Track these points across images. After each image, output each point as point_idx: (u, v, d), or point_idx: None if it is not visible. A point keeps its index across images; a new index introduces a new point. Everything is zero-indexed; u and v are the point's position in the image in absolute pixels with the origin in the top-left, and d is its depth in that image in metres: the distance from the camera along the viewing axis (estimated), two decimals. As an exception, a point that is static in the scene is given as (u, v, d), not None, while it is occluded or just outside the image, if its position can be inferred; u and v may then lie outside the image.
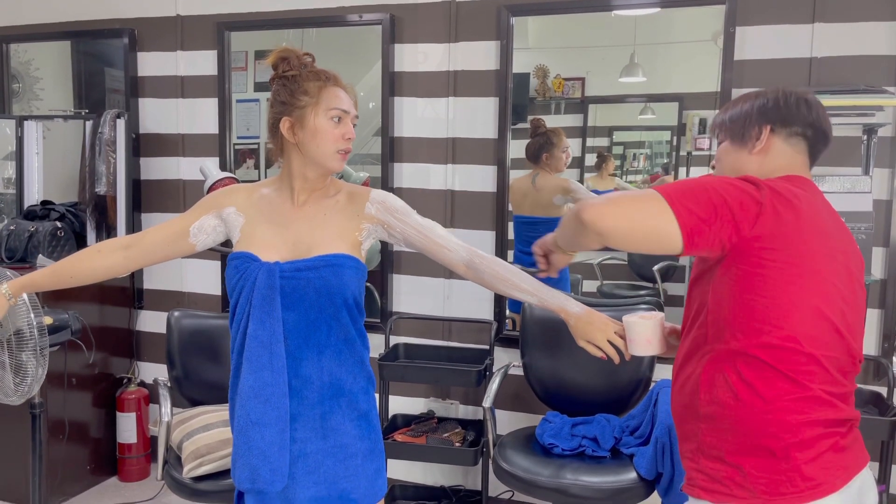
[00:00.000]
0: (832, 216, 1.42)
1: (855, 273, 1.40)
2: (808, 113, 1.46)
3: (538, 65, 3.06)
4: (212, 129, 3.41)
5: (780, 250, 1.30)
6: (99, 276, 1.76)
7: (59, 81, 3.84)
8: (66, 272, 1.78)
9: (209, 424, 2.49)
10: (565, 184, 3.04)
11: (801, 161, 1.47)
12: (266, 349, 1.59)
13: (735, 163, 1.48)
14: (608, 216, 1.30)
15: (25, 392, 2.58)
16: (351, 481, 1.66)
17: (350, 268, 1.63)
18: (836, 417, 1.34)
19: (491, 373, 2.88)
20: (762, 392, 1.32)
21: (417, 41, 3.03)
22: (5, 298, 1.82)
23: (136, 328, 3.66)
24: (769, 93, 1.49)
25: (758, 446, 1.32)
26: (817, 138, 1.48)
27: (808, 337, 1.31)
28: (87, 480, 3.43)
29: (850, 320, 1.36)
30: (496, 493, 3.05)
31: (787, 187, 1.35)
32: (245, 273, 1.62)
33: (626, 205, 1.31)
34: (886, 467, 2.49)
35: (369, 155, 3.17)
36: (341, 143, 1.63)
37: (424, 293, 3.13)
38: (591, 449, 2.50)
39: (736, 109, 1.51)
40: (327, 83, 1.64)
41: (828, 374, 1.33)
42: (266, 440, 1.58)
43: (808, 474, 1.30)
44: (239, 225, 1.69)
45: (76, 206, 3.61)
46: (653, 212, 1.29)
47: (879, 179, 2.55)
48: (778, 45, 2.62)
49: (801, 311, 1.30)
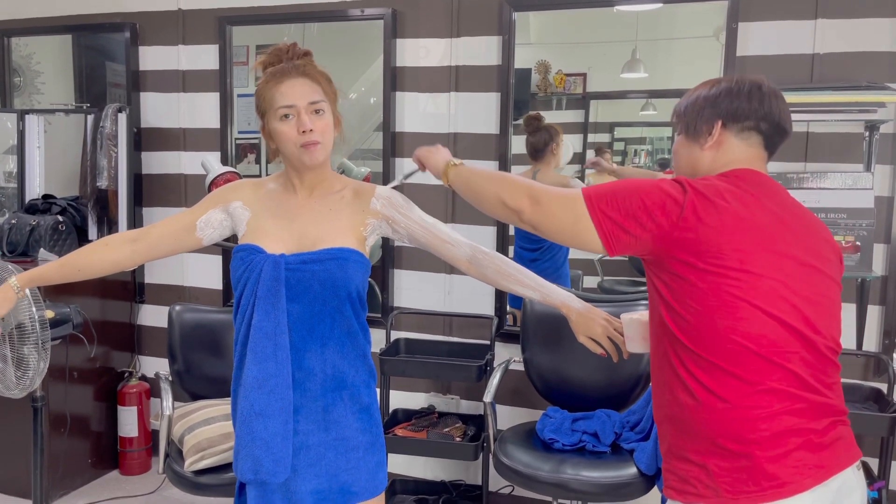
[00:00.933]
0: (787, 208, 1.39)
1: (816, 265, 1.36)
2: (761, 106, 1.42)
3: (540, 60, 3.05)
4: (213, 123, 3.41)
5: (705, 253, 1.28)
6: (106, 269, 1.76)
7: (61, 75, 3.83)
8: (74, 265, 1.77)
9: (210, 418, 2.49)
10: (564, 181, 3.04)
11: (756, 154, 1.44)
12: (270, 340, 1.59)
13: (689, 157, 1.48)
14: (537, 213, 1.40)
15: (27, 386, 2.59)
16: (352, 474, 1.66)
17: (355, 262, 1.63)
18: (805, 408, 1.30)
19: (491, 368, 2.88)
20: (718, 392, 1.30)
21: (419, 36, 3.03)
22: (13, 291, 1.82)
23: (137, 322, 3.67)
24: (722, 83, 1.46)
25: (720, 445, 1.31)
26: (772, 131, 1.44)
27: (749, 335, 1.29)
28: (88, 474, 3.45)
29: (809, 314, 1.32)
30: (496, 487, 3.06)
31: (717, 186, 1.33)
32: (250, 264, 1.62)
33: (553, 205, 1.39)
34: (886, 463, 2.49)
35: (370, 150, 3.17)
36: (299, 139, 1.61)
37: (425, 288, 3.13)
38: (592, 444, 2.50)
39: (690, 99, 1.48)
40: (278, 82, 1.63)
41: (785, 370, 1.30)
42: (269, 431, 1.59)
43: (771, 472, 1.28)
44: (245, 219, 1.69)
45: (77, 200, 3.61)
46: (574, 215, 1.36)
47: (881, 176, 2.55)
48: (780, 42, 2.62)
49: (736, 313, 1.28)
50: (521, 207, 1.41)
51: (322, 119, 1.62)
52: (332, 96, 1.68)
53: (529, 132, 3.03)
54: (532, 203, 1.39)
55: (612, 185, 1.37)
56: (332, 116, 1.66)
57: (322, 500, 1.66)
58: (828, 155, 2.60)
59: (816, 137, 2.61)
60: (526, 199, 1.41)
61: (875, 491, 2.40)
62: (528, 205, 1.41)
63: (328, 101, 1.65)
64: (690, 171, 1.47)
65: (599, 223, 1.34)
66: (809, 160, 2.62)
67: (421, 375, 3.06)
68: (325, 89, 1.65)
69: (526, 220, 1.43)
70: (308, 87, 1.62)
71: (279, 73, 1.63)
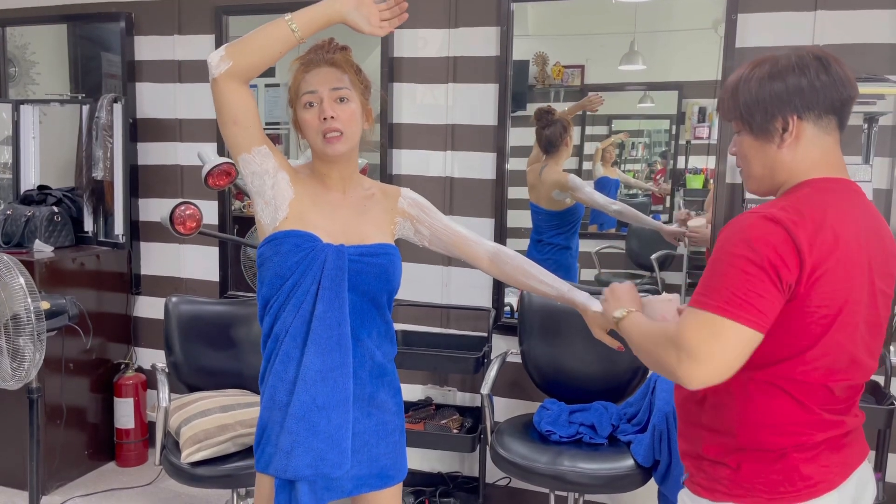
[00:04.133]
0: (864, 217, 1.30)
1: (878, 284, 1.29)
2: (834, 86, 1.28)
3: (537, 52, 3.04)
4: (209, 114, 3.39)
5: (817, 298, 1.22)
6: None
7: (56, 66, 3.81)
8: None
9: (207, 410, 2.48)
10: (563, 179, 3.03)
11: (834, 140, 1.31)
12: (335, 331, 1.58)
13: (763, 160, 1.33)
14: (702, 377, 1.21)
15: (23, 377, 2.58)
16: (390, 458, 1.71)
17: (398, 258, 1.69)
18: (839, 433, 1.31)
19: (489, 360, 2.88)
20: (767, 412, 1.29)
21: (417, 26, 3.01)
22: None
23: (133, 314, 3.66)
24: (780, 65, 1.30)
25: (756, 448, 1.30)
26: (845, 107, 1.31)
27: (826, 370, 1.27)
28: (84, 465, 3.44)
29: (869, 338, 1.31)
30: (493, 479, 3.06)
31: (817, 225, 1.20)
32: (311, 252, 1.58)
33: (708, 351, 1.19)
34: (883, 456, 2.50)
35: (367, 142, 3.15)
36: (321, 126, 1.58)
37: (423, 280, 3.13)
38: (589, 436, 2.50)
39: (749, 94, 1.32)
40: (305, 70, 1.62)
41: (835, 397, 1.30)
42: (333, 423, 1.57)
43: (806, 473, 1.28)
44: (288, 197, 1.62)
45: (73, 191, 3.60)
46: (727, 338, 1.18)
47: (880, 168, 2.55)
48: (779, 33, 2.61)
49: (824, 350, 1.25)
50: (689, 375, 1.21)
51: (346, 108, 1.60)
52: (362, 87, 1.66)
53: (542, 126, 3.01)
54: (696, 363, 1.20)
55: (730, 288, 1.19)
56: (358, 106, 1.63)
57: (361, 485, 1.68)
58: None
59: (815, 130, 2.60)
60: (691, 369, 1.21)
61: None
62: (695, 369, 1.20)
63: (355, 90, 1.63)
64: (769, 174, 1.34)
65: (757, 325, 1.19)
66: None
67: (418, 367, 3.06)
68: (352, 78, 1.63)
69: (701, 383, 1.22)
70: (333, 74, 1.61)
71: (307, 63, 1.63)
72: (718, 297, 1.19)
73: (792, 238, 1.18)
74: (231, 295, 3.40)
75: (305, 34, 1.52)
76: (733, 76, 1.36)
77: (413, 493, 3.02)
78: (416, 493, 3.02)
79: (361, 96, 1.65)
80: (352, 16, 1.51)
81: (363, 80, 1.67)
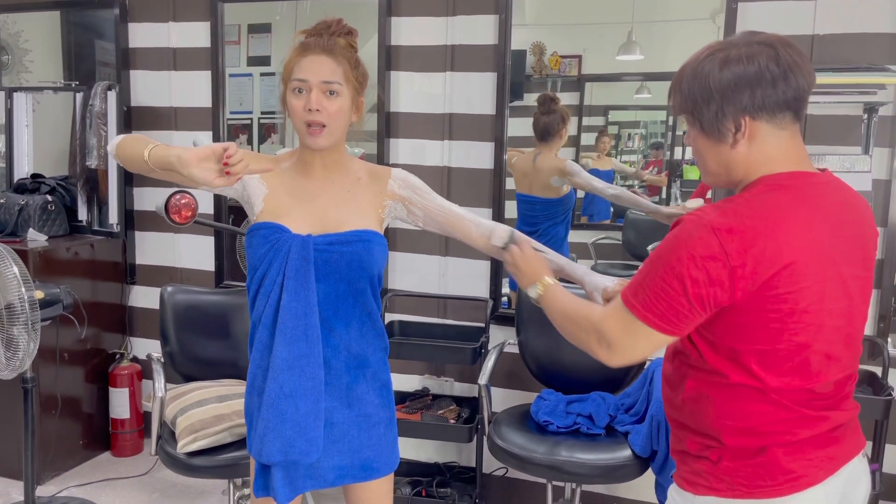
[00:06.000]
0: (829, 207, 1.26)
1: (849, 271, 1.26)
2: (787, 86, 1.23)
3: (535, 42, 3.02)
4: (205, 102, 3.36)
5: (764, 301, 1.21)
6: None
7: (49, 53, 3.78)
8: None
9: (203, 400, 2.47)
10: (562, 165, 3.02)
11: (791, 134, 1.27)
12: (301, 321, 1.59)
13: (718, 159, 1.30)
14: (617, 362, 1.33)
15: (17, 366, 2.57)
16: (373, 450, 1.70)
17: (378, 244, 1.66)
18: (826, 429, 1.29)
19: (486, 350, 2.87)
20: (744, 414, 1.27)
21: (415, 14, 2.99)
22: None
23: (128, 304, 3.64)
24: (731, 62, 1.24)
25: (736, 446, 1.29)
26: (800, 101, 1.26)
27: (798, 372, 1.25)
28: (80, 455, 3.43)
29: (847, 332, 1.28)
30: (490, 469, 3.06)
31: (755, 233, 1.18)
32: (276, 244, 1.60)
33: (623, 344, 1.30)
34: (880, 446, 2.50)
35: (364, 131, 3.13)
36: (305, 116, 1.58)
37: (420, 270, 3.12)
38: (586, 426, 2.50)
39: (699, 89, 1.26)
40: (301, 55, 1.60)
41: (817, 394, 1.27)
42: (301, 411, 1.58)
43: (787, 467, 1.26)
44: (262, 194, 1.66)
45: (67, 179, 3.57)
46: (641, 337, 1.27)
47: (879, 159, 2.54)
48: (779, 22, 2.59)
49: (789, 352, 1.23)
50: (607, 358, 1.34)
51: (334, 101, 1.59)
52: (356, 81, 1.64)
53: (543, 112, 3.00)
54: (608, 349, 1.32)
55: (655, 293, 1.24)
56: (348, 101, 1.62)
57: (344, 475, 1.69)
58: (826, 137, 2.59)
59: (815, 120, 2.59)
60: (608, 354, 1.33)
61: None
62: (609, 355, 1.32)
63: (347, 85, 1.60)
64: (724, 171, 1.31)
65: (670, 331, 1.26)
66: (807, 143, 2.55)
67: (415, 358, 3.05)
68: (346, 71, 1.60)
69: (615, 364, 1.34)
70: (327, 65, 1.59)
71: (305, 46, 1.61)
72: (640, 299, 1.26)
73: (723, 249, 1.18)
74: (227, 285, 3.38)
75: (153, 165, 1.51)
76: (683, 67, 1.31)
77: (410, 484, 3.02)
78: (413, 484, 3.02)
79: (354, 90, 1.63)
80: (187, 171, 1.41)
81: (358, 76, 1.64)
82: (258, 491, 1.67)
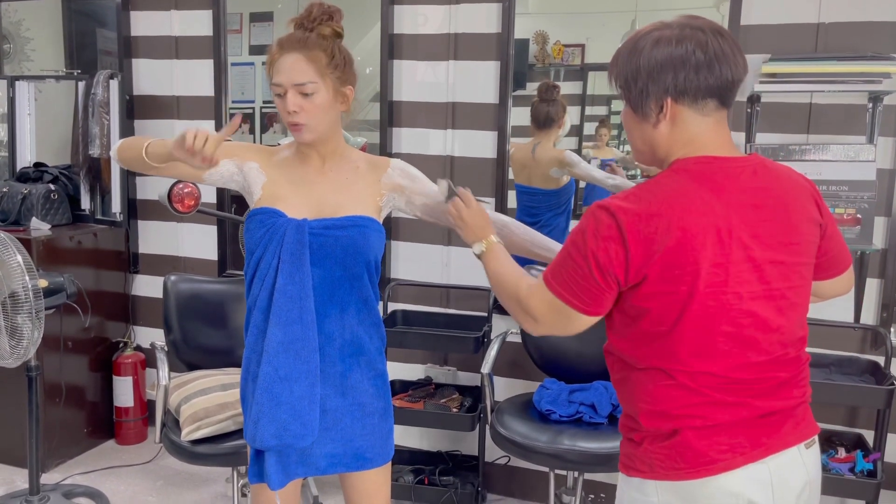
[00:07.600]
0: (746, 192, 1.26)
1: (764, 256, 1.25)
2: (710, 75, 1.24)
3: (538, 31, 3.00)
4: (207, 91, 3.36)
5: (660, 281, 1.23)
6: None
7: (51, 42, 3.77)
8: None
9: (207, 388, 2.48)
10: (561, 156, 3.01)
11: (715, 120, 1.28)
12: (296, 303, 1.59)
13: (643, 136, 1.32)
14: (539, 333, 1.40)
15: (21, 355, 2.58)
16: (367, 440, 1.70)
17: (375, 230, 1.66)
18: (752, 415, 1.27)
19: (489, 339, 2.88)
20: (657, 397, 1.28)
21: (417, 2, 2.97)
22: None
23: (131, 292, 3.64)
24: (661, 44, 1.25)
25: (652, 428, 1.30)
26: (727, 90, 1.27)
27: (702, 354, 1.25)
28: (84, 443, 3.45)
29: (764, 317, 1.26)
30: (493, 458, 3.07)
31: (650, 213, 1.21)
32: (272, 228, 1.61)
33: (547, 321, 1.35)
34: (882, 436, 2.50)
35: (366, 121, 3.13)
36: (286, 118, 1.61)
37: (423, 260, 3.12)
38: (589, 415, 2.51)
39: (629, 67, 1.28)
40: (278, 54, 1.61)
41: (731, 378, 1.26)
42: (295, 395, 1.59)
43: (700, 451, 1.25)
44: (260, 182, 1.68)
45: (69, 168, 3.57)
46: (563, 316, 1.32)
47: (884, 148, 2.53)
48: (785, 10, 2.58)
49: (689, 332, 1.24)
50: (531, 329, 1.39)
51: (310, 100, 1.60)
52: (338, 71, 1.62)
53: (544, 100, 2.98)
54: (532, 321, 1.37)
55: (563, 276, 1.29)
56: (327, 95, 1.61)
57: (336, 464, 1.69)
58: (830, 126, 2.58)
59: (819, 108, 2.58)
60: (530, 324, 1.38)
61: (870, 462, 2.42)
62: (532, 325, 1.38)
63: (323, 80, 1.60)
64: (649, 150, 1.33)
65: (587, 311, 1.29)
66: (812, 132, 2.59)
67: (418, 347, 3.06)
68: (320, 67, 1.59)
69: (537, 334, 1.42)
70: (300, 65, 1.59)
71: (281, 46, 1.62)
72: (558, 280, 1.30)
73: (619, 228, 1.22)
74: (230, 273, 3.38)
75: (152, 161, 1.64)
76: (625, 43, 1.32)
77: (413, 472, 3.03)
78: (416, 472, 3.03)
79: (334, 82, 1.62)
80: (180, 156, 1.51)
81: (337, 62, 1.62)
82: (252, 478, 1.68)
